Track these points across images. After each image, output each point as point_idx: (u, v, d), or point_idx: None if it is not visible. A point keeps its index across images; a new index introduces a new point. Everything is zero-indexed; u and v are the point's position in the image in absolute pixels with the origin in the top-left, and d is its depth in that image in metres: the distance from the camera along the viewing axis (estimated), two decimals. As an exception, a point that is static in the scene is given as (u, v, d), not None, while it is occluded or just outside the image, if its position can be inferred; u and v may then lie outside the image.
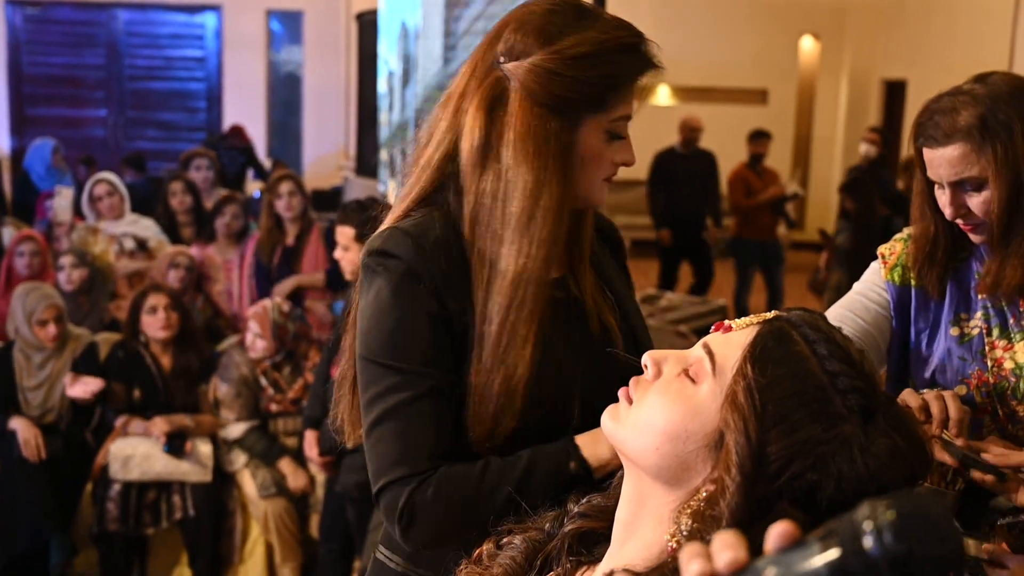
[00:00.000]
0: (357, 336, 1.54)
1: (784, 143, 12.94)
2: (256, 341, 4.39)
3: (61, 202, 6.00)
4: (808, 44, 13.69)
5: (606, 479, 1.29)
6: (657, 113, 12.80)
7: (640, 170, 5.78)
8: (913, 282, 2.05)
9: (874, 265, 2.13)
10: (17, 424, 4.30)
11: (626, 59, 1.50)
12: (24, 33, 12.57)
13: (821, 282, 8.00)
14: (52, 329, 4.42)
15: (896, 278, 2.07)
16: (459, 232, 1.52)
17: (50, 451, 4.28)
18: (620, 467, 1.22)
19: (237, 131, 10.29)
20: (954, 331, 2.01)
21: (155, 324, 4.45)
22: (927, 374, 2.03)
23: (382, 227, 1.58)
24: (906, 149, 11.78)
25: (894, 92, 12.35)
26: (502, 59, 1.50)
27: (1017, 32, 9.10)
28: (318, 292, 5.25)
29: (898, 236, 2.12)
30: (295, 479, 4.36)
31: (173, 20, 12.74)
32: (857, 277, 2.19)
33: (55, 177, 8.58)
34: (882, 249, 2.13)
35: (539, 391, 1.48)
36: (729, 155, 9.45)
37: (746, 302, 8.37)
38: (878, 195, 7.16)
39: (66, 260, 5.22)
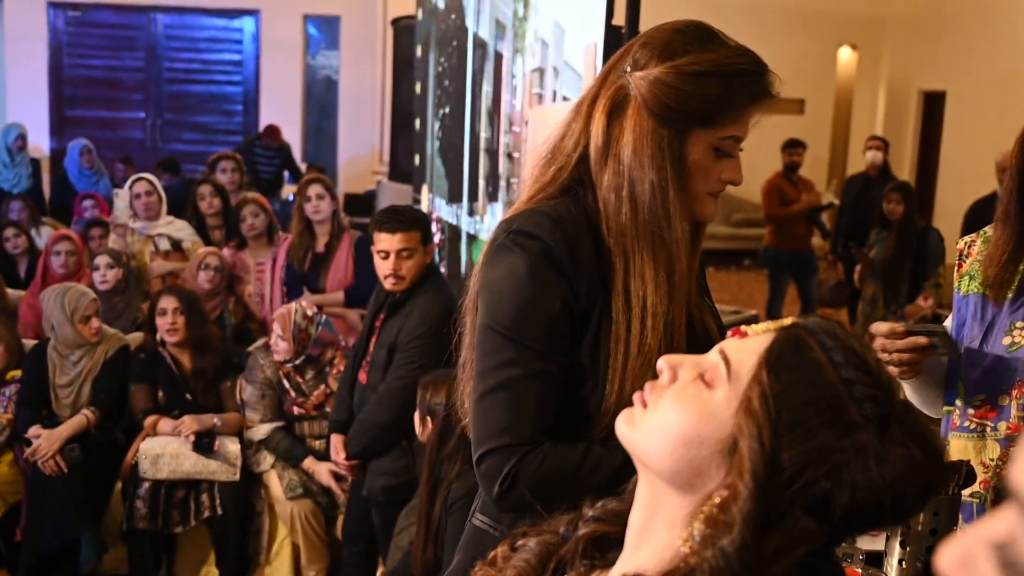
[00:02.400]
0: (481, 307, 1.65)
1: (821, 153, 12.87)
2: (278, 342, 4.41)
3: (120, 203, 6.06)
4: (846, 54, 13.62)
5: None
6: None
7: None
8: (976, 289, 2.06)
9: None
10: (42, 437, 4.32)
11: (742, 83, 1.63)
12: (65, 36, 12.72)
13: (837, 293, 7.94)
14: (95, 323, 4.48)
15: (963, 288, 2.08)
16: (592, 224, 1.65)
17: (70, 460, 4.31)
18: None
19: (272, 130, 10.33)
20: (1006, 340, 2.00)
21: (164, 326, 4.50)
22: (975, 375, 2.03)
23: (515, 210, 1.71)
24: (944, 161, 11.71)
25: (933, 103, 12.25)
26: (628, 69, 1.65)
27: (1058, 44, 9.01)
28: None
29: (982, 231, 2.11)
30: (320, 476, 4.37)
31: (211, 24, 12.85)
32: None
33: (88, 177, 8.68)
34: (960, 245, 2.14)
35: None
36: (765, 165, 9.40)
37: (779, 312, 8.30)
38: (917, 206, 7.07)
39: (101, 260, 5.27)
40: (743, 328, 1.10)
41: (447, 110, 6.07)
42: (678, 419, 1.06)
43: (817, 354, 1.03)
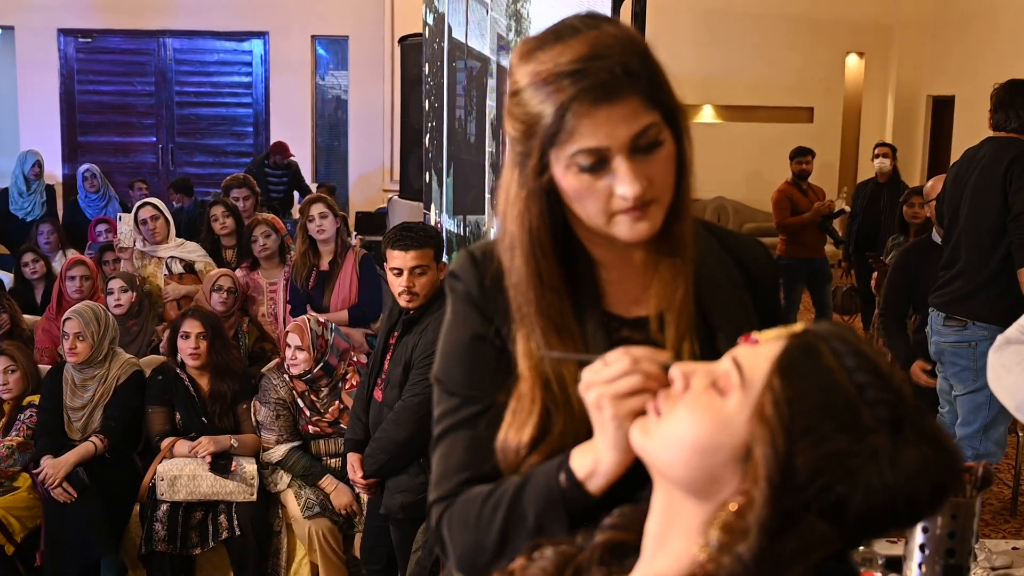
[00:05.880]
0: None
1: (831, 161, 12.86)
2: (296, 354, 4.42)
3: (123, 227, 6.09)
4: (853, 61, 13.62)
5: (612, 500, 1.26)
6: (702, 132, 12.79)
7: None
8: None
9: None
10: (47, 465, 4.34)
11: (557, 88, 1.37)
12: (76, 62, 12.80)
13: (849, 299, 7.91)
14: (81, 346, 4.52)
15: None
16: None
17: (78, 485, 4.32)
18: (615, 478, 1.24)
19: (280, 147, 10.38)
20: None
21: (186, 349, 4.53)
22: None
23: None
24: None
25: (941, 108, 12.24)
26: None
27: (1066, 46, 9.00)
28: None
29: None
30: (338, 497, 4.39)
31: (221, 47, 12.92)
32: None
33: (94, 202, 8.73)
34: None
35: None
36: (775, 174, 9.40)
37: (793, 321, 8.27)
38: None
39: (115, 284, 5.30)
40: (754, 335, 1.11)
41: (432, 124, 6.10)
42: (692, 427, 1.07)
43: (829, 359, 1.04)
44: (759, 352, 1.07)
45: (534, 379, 1.39)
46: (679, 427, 1.08)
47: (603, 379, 1.21)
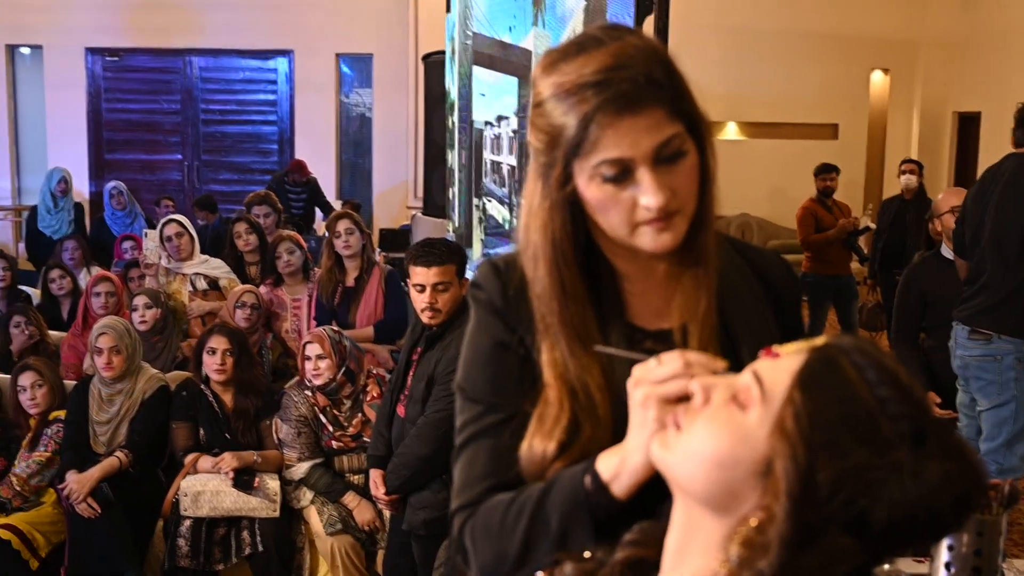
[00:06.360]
0: None
1: (856, 178, 12.81)
2: (319, 363, 4.42)
3: (149, 244, 6.13)
4: (878, 78, 13.58)
5: (638, 508, 1.25)
6: (726, 148, 12.77)
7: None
8: None
9: None
10: (72, 480, 4.36)
11: (581, 98, 1.37)
12: (103, 81, 12.95)
13: (875, 316, 7.85)
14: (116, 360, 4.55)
15: None
16: None
17: (102, 501, 4.34)
18: (642, 480, 1.23)
19: (298, 165, 10.46)
20: None
21: (211, 365, 4.55)
22: None
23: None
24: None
25: (967, 125, 12.18)
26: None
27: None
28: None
29: None
30: (361, 513, 4.38)
31: (246, 65, 13.03)
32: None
33: (121, 219, 8.81)
34: None
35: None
36: (799, 190, 9.36)
37: (819, 338, 8.22)
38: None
39: (140, 300, 5.33)
40: (775, 348, 1.10)
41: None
42: (712, 442, 1.06)
43: (850, 373, 1.03)
44: (780, 366, 1.07)
45: (560, 387, 1.39)
46: (699, 441, 1.07)
47: (655, 378, 1.20)
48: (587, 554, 1.22)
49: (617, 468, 1.28)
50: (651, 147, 1.30)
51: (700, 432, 1.08)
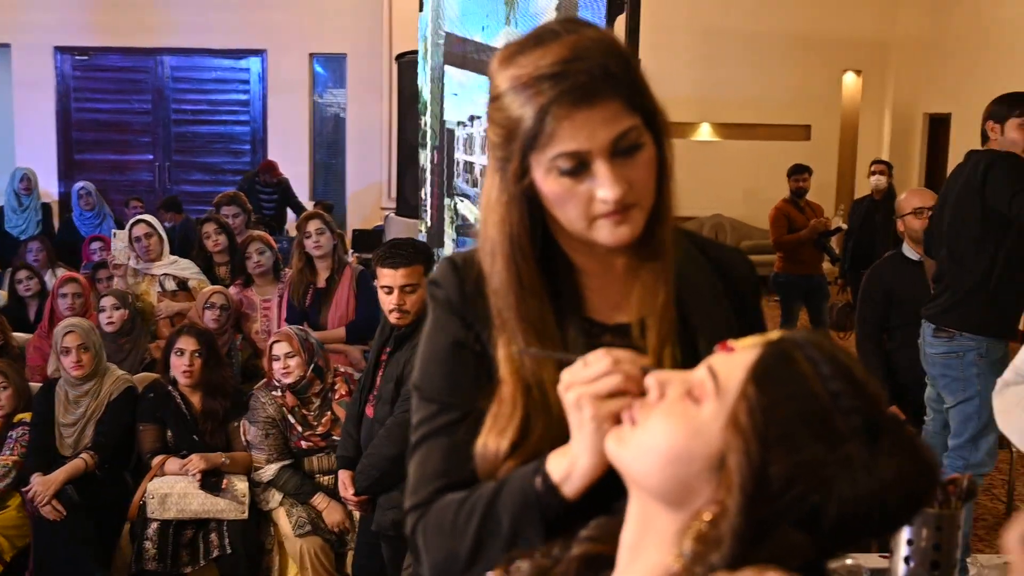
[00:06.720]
0: None
1: (828, 179, 12.88)
2: (288, 361, 4.40)
3: (118, 244, 6.08)
4: (850, 79, 13.66)
5: (588, 506, 1.25)
6: (700, 149, 12.81)
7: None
8: None
9: None
10: (37, 483, 4.32)
11: (537, 91, 1.36)
12: (72, 80, 12.83)
13: (844, 316, 7.87)
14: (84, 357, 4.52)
15: None
16: None
17: (67, 503, 4.30)
18: (591, 482, 1.22)
19: (269, 166, 10.42)
20: None
21: (179, 366, 4.51)
22: None
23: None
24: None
25: (938, 126, 12.27)
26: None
27: (1061, 63, 9.02)
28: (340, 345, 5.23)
29: None
30: (330, 514, 4.36)
31: (218, 65, 12.95)
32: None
33: (89, 220, 8.74)
34: None
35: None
36: (772, 191, 9.40)
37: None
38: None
39: (107, 301, 5.28)
40: (730, 342, 1.09)
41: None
42: (667, 436, 1.05)
43: (804, 367, 1.02)
44: (734, 360, 1.06)
45: (515, 384, 1.38)
46: (653, 436, 1.07)
47: (583, 379, 1.21)
48: (541, 550, 1.22)
49: (567, 470, 1.27)
50: (607, 139, 1.30)
51: (655, 427, 1.07)
